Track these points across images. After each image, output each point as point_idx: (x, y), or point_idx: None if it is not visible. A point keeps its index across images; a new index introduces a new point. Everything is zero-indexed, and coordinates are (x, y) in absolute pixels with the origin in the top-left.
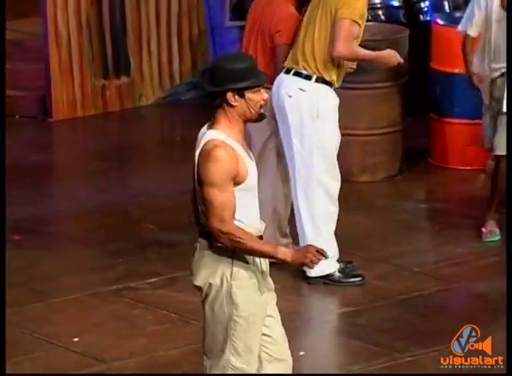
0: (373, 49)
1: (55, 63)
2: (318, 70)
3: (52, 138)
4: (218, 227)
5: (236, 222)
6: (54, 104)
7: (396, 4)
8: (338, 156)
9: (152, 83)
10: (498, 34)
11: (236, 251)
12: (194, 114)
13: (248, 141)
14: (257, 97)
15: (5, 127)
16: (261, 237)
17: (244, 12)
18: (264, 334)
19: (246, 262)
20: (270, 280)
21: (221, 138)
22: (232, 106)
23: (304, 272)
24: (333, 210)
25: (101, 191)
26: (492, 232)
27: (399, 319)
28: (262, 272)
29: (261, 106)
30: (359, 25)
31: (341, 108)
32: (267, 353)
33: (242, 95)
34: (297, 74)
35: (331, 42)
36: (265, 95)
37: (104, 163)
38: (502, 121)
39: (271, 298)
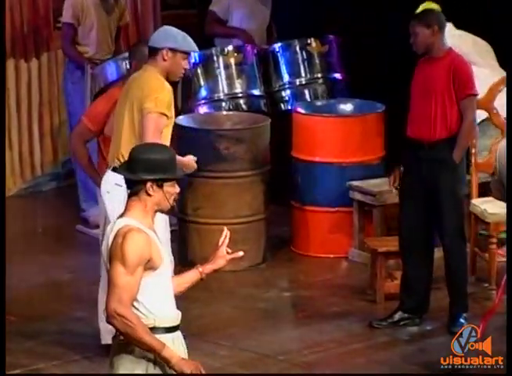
0: (236, 139)
1: None
2: None
3: None
4: (114, 307)
5: (143, 310)
6: None
7: (257, 93)
8: (202, 246)
9: (13, 174)
10: None
11: (125, 338)
12: (56, 205)
13: None
14: (172, 190)
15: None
16: (178, 327)
17: None
18: None
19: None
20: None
21: (135, 224)
22: (150, 195)
23: None
24: None
25: None
26: None
27: None
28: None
29: (174, 199)
30: (167, 116)
31: (204, 197)
32: None
33: (161, 186)
34: (114, 169)
35: (142, 138)
36: (178, 189)
37: None
38: None
39: None
